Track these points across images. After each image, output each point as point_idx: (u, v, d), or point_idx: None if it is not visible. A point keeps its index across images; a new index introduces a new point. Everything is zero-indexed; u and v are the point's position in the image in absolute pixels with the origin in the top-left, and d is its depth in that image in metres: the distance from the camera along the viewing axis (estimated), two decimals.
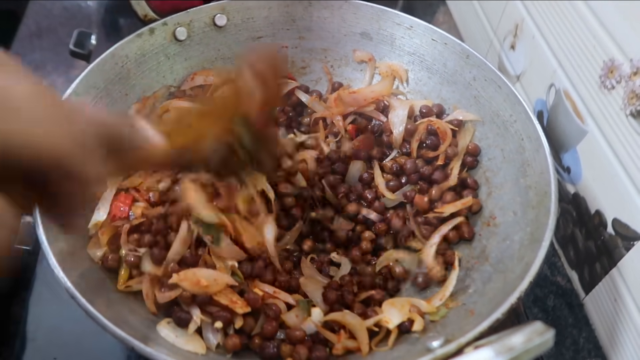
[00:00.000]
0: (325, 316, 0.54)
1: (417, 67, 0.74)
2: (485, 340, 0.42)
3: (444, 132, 0.66)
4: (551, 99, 0.70)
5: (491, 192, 0.65)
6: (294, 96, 0.74)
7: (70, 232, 0.39)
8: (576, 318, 0.65)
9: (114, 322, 0.45)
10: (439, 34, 0.71)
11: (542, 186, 0.57)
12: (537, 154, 0.60)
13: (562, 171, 0.69)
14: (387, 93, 0.72)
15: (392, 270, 0.60)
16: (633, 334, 0.57)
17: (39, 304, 0.63)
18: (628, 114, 0.56)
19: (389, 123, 0.68)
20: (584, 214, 0.64)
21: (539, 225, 0.55)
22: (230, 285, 0.53)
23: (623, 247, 0.58)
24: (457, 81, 0.70)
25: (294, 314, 0.54)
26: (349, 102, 0.70)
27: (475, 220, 0.64)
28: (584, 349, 0.64)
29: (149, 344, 0.45)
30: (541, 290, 0.70)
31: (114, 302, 0.52)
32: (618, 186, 0.58)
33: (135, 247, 0.56)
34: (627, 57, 0.56)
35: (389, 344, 0.52)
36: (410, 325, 0.53)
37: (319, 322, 0.53)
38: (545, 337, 0.39)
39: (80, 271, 0.51)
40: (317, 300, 0.55)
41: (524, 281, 0.49)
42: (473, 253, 0.61)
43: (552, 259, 0.70)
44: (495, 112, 0.66)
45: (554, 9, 0.68)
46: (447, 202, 0.63)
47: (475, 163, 0.67)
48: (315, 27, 0.76)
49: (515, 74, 0.80)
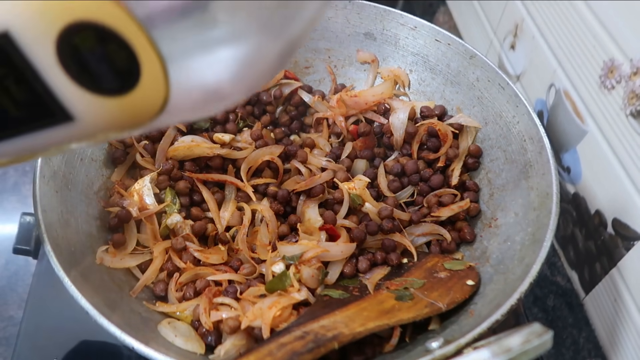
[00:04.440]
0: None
1: (421, 67, 0.74)
2: (484, 342, 0.42)
3: (445, 134, 0.66)
4: (551, 99, 0.70)
5: (493, 193, 0.65)
6: (296, 96, 0.74)
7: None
8: (576, 318, 0.65)
9: (114, 322, 0.45)
10: (443, 34, 0.71)
11: (544, 187, 0.57)
12: (539, 155, 0.60)
13: (562, 171, 0.69)
14: (388, 96, 0.72)
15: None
16: (633, 334, 0.57)
17: (39, 304, 0.63)
18: (628, 114, 0.56)
19: (390, 125, 0.68)
20: (584, 214, 0.64)
21: (540, 226, 0.55)
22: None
23: (623, 247, 0.58)
24: (460, 82, 0.70)
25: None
26: (351, 105, 0.70)
27: (476, 222, 0.64)
28: (584, 349, 0.64)
29: (149, 344, 0.45)
30: (541, 290, 0.70)
31: (114, 301, 0.52)
32: (618, 186, 0.58)
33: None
34: (627, 57, 0.56)
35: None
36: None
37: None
38: (544, 339, 0.39)
39: (81, 271, 0.51)
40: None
41: (524, 282, 0.49)
42: (474, 254, 0.61)
43: (552, 259, 0.70)
44: (498, 113, 0.66)
45: (554, 9, 0.68)
46: (445, 205, 0.64)
47: (477, 164, 0.67)
48: (319, 26, 0.76)
49: (515, 74, 0.80)
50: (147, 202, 0.60)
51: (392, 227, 0.60)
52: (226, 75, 0.26)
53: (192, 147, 0.63)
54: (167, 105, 0.27)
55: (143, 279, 0.56)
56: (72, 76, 0.25)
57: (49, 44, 0.24)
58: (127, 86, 0.26)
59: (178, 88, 0.26)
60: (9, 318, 0.73)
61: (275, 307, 0.51)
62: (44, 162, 0.55)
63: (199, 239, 0.60)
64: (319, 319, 0.48)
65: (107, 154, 0.64)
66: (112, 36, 0.24)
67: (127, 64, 0.25)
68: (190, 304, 0.54)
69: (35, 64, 0.25)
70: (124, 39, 0.24)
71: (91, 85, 0.26)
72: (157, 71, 0.25)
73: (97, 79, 0.26)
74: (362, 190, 0.63)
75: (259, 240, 0.59)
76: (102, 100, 0.26)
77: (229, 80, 0.26)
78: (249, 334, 0.51)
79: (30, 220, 0.62)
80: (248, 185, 0.62)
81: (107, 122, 0.28)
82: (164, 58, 0.25)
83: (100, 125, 0.28)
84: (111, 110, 0.27)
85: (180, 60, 0.25)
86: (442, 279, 0.56)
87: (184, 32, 0.25)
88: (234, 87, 0.27)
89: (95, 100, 0.26)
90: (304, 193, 0.63)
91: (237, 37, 0.25)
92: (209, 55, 0.25)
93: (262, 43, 0.25)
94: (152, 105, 0.27)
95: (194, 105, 0.27)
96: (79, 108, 0.27)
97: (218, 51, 0.25)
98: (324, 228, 0.59)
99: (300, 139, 0.72)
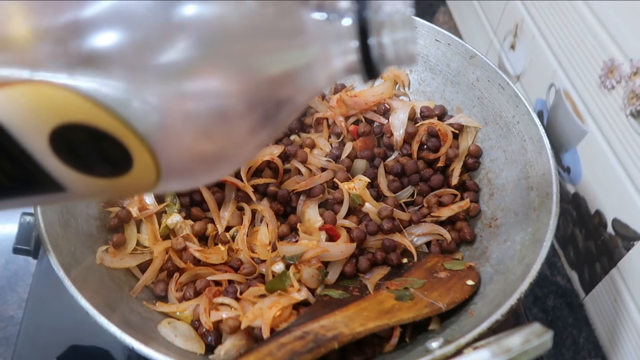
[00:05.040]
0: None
1: (421, 67, 0.74)
2: (484, 342, 0.42)
3: (445, 134, 0.66)
4: (551, 99, 0.70)
5: (493, 193, 0.65)
6: None
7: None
8: (576, 318, 0.65)
9: (114, 322, 0.45)
10: (443, 34, 0.71)
11: (544, 187, 0.57)
12: (539, 155, 0.60)
13: (562, 171, 0.69)
14: (388, 96, 0.72)
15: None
16: (633, 334, 0.57)
17: (39, 304, 0.63)
18: (628, 114, 0.56)
19: (390, 125, 0.68)
20: (584, 214, 0.64)
21: (540, 226, 0.55)
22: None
23: (623, 247, 0.58)
24: (460, 82, 0.70)
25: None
26: (351, 105, 0.70)
27: (476, 222, 0.64)
28: (584, 349, 0.64)
29: (149, 344, 0.45)
30: (541, 290, 0.70)
31: (114, 301, 0.52)
32: (618, 186, 0.58)
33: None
34: (627, 57, 0.56)
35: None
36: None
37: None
38: (544, 339, 0.39)
39: (81, 271, 0.51)
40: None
41: (524, 282, 0.49)
42: (474, 254, 0.61)
43: (552, 259, 0.70)
44: (498, 113, 0.66)
45: (554, 9, 0.68)
46: (445, 205, 0.64)
47: (477, 164, 0.67)
48: None
49: (515, 74, 0.80)
50: (147, 202, 0.60)
51: (392, 227, 0.60)
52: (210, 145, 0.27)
53: None
54: (160, 181, 0.28)
55: (143, 279, 0.56)
56: (66, 163, 0.26)
57: (42, 137, 0.25)
58: (119, 172, 0.27)
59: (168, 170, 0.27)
60: (9, 318, 0.73)
61: (275, 307, 0.51)
62: None
63: (199, 239, 0.60)
64: (319, 319, 0.48)
65: None
66: (103, 135, 0.25)
67: (119, 156, 0.26)
68: (190, 304, 0.54)
69: (29, 151, 0.25)
70: (116, 138, 0.25)
71: (84, 171, 0.27)
72: (148, 160, 0.26)
73: (90, 167, 0.27)
74: (362, 190, 0.63)
75: (259, 240, 0.59)
76: (96, 179, 0.27)
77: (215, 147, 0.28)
78: (249, 334, 0.51)
79: (30, 220, 0.62)
80: (248, 185, 0.62)
81: (101, 194, 0.29)
82: (154, 150, 0.26)
83: (95, 195, 0.29)
84: (105, 187, 0.28)
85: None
86: (442, 279, 0.56)
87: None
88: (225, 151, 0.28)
89: (88, 179, 0.27)
90: (304, 193, 0.63)
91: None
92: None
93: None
94: (145, 184, 0.28)
95: (191, 173, 0.29)
96: (72, 184, 0.28)
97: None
98: (324, 228, 0.59)
99: (300, 139, 0.72)
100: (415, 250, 0.60)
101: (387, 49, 0.27)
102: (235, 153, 0.29)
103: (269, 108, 0.27)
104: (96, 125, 0.25)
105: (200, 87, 0.25)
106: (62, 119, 0.24)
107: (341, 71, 0.28)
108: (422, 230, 0.63)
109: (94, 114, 0.24)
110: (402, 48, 0.27)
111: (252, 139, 0.28)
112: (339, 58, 0.27)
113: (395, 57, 0.27)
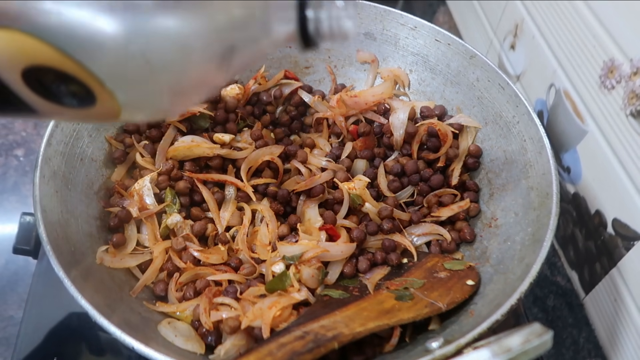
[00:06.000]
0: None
1: (421, 67, 0.74)
2: (484, 342, 0.42)
3: (445, 134, 0.66)
4: (551, 99, 0.70)
5: (493, 193, 0.65)
6: (296, 96, 0.74)
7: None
8: (576, 318, 0.65)
9: (114, 322, 0.45)
10: (443, 34, 0.71)
11: (544, 187, 0.57)
12: (539, 155, 0.60)
13: (562, 171, 0.69)
14: (388, 96, 0.72)
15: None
16: (633, 334, 0.57)
17: (39, 304, 0.63)
18: (628, 114, 0.56)
19: (390, 125, 0.68)
20: (584, 214, 0.64)
21: (540, 226, 0.55)
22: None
23: (623, 247, 0.58)
24: (460, 82, 0.70)
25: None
26: (351, 105, 0.70)
27: (476, 222, 0.64)
28: (584, 349, 0.64)
29: (149, 344, 0.45)
30: (541, 290, 0.70)
31: (114, 301, 0.52)
32: (618, 186, 0.58)
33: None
34: (627, 57, 0.56)
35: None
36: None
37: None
38: (544, 339, 0.39)
39: (81, 271, 0.51)
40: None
41: (524, 282, 0.49)
42: (474, 254, 0.61)
43: (552, 259, 0.70)
44: (498, 113, 0.66)
45: (554, 9, 0.68)
46: (445, 205, 0.64)
47: (477, 164, 0.67)
48: None
49: (515, 74, 0.80)
50: (147, 202, 0.60)
51: (392, 227, 0.60)
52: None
53: (192, 147, 0.63)
54: (122, 113, 0.32)
55: (143, 279, 0.56)
56: (37, 94, 0.30)
57: (16, 74, 0.29)
58: (84, 105, 0.31)
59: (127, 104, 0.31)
60: (9, 318, 0.73)
61: (275, 307, 0.51)
62: (44, 162, 0.55)
63: (199, 239, 0.60)
64: (319, 319, 0.48)
65: (107, 154, 0.64)
66: (67, 76, 0.29)
67: (84, 93, 0.30)
68: (190, 304, 0.54)
69: (5, 82, 0.30)
70: (79, 79, 0.29)
71: (55, 101, 0.31)
72: (109, 98, 0.30)
73: (58, 99, 0.31)
74: (362, 190, 0.63)
75: (259, 240, 0.59)
76: (64, 108, 0.31)
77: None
78: (249, 334, 0.51)
79: (30, 220, 0.62)
80: (248, 185, 0.62)
81: (70, 119, 0.35)
82: (114, 93, 0.30)
83: (64, 119, 0.35)
84: (73, 114, 0.33)
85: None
86: (442, 279, 0.56)
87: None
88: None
89: (58, 107, 0.32)
90: (304, 193, 0.63)
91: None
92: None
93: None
94: (109, 115, 0.32)
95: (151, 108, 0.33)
96: (44, 110, 0.32)
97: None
98: (324, 228, 0.59)
99: (300, 139, 0.72)
100: (415, 250, 0.60)
101: (323, 23, 0.30)
102: (191, 88, 0.32)
103: (224, 51, 0.30)
104: (59, 67, 0.28)
105: (162, 26, 0.28)
106: (30, 61, 0.29)
107: (282, 37, 0.31)
108: (422, 230, 0.63)
109: (57, 59, 0.28)
110: (336, 24, 0.30)
111: (208, 75, 0.31)
112: (280, 24, 0.31)
113: (329, 32, 0.31)
